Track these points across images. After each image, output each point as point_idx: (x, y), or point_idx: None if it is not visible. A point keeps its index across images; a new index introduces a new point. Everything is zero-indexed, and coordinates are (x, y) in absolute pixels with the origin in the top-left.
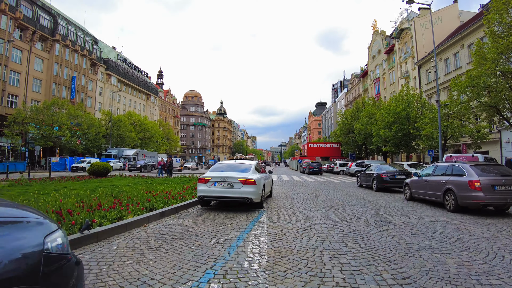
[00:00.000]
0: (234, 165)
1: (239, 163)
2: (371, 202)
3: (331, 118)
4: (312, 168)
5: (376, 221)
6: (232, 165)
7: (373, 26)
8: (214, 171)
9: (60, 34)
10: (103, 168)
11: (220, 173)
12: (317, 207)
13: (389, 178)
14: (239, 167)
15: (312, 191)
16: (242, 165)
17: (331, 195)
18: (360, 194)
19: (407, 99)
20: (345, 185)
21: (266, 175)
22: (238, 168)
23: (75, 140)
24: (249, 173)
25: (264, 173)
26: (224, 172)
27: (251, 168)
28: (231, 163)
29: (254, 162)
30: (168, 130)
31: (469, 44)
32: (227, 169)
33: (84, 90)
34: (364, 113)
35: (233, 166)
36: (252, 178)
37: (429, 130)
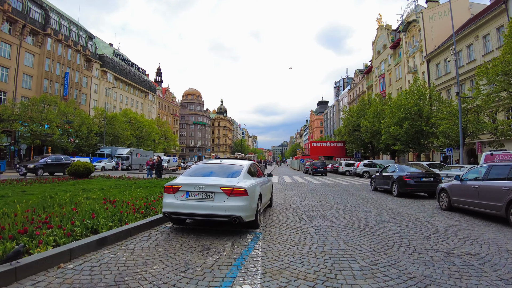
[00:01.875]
0: (219, 167)
1: (227, 164)
2: (400, 213)
3: (333, 117)
4: (316, 168)
5: (429, 252)
6: (216, 167)
7: (378, 21)
8: (189, 175)
9: (52, 28)
10: (84, 168)
11: (196, 178)
12: (334, 224)
13: (413, 181)
14: (225, 170)
15: (321, 197)
16: (230, 167)
17: (346, 204)
18: (380, 202)
19: (419, 93)
20: (356, 188)
21: (264, 180)
22: (224, 172)
23: (66, 138)
24: (238, 179)
25: (261, 177)
26: (202, 178)
27: (241, 171)
28: (216, 164)
29: (248, 163)
30: (166, 128)
31: (484, 35)
32: (208, 173)
33: (78, 87)
34: (371, 109)
35: (218, 168)
36: (242, 186)
37: (447, 126)
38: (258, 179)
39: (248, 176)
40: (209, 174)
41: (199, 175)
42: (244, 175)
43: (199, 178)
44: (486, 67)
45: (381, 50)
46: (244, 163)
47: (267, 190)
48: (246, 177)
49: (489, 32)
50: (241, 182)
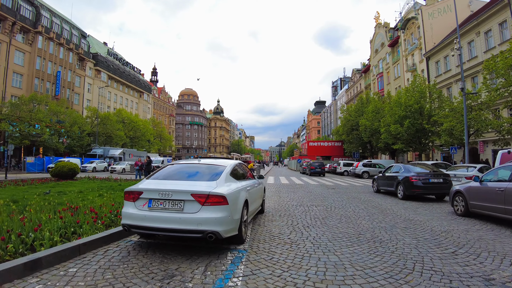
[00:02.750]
0: (195, 168)
1: (206, 164)
2: (411, 221)
3: (330, 117)
4: (313, 169)
5: (462, 277)
6: (192, 168)
7: (376, 19)
8: (156, 178)
9: (43, 26)
10: (68, 169)
11: (162, 182)
12: (336, 235)
13: (421, 183)
14: (202, 172)
15: (319, 201)
16: (209, 168)
17: (347, 209)
18: (385, 206)
19: (420, 90)
20: (357, 190)
21: (253, 183)
22: (201, 174)
23: (56, 139)
24: (216, 183)
25: (250, 180)
26: (171, 182)
27: (222, 173)
28: (192, 164)
29: (232, 163)
30: (161, 129)
31: (486, 30)
32: (180, 175)
33: (70, 86)
34: (370, 108)
35: (194, 169)
36: (221, 193)
37: (451, 124)
38: (245, 183)
39: (231, 179)
40: (181, 177)
41: (168, 178)
42: (226, 178)
43: (166, 183)
44: (494, 61)
45: (379, 49)
46: (228, 163)
47: (256, 195)
48: (228, 181)
49: (491, 28)
50: (220, 187)
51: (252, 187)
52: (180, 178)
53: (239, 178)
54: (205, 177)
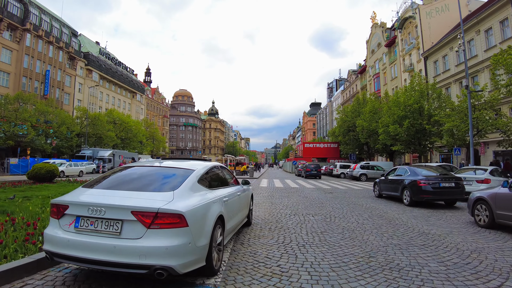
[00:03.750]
0: (150, 172)
1: (167, 167)
2: (428, 235)
3: (326, 118)
4: (309, 171)
5: None
6: (146, 172)
7: (372, 19)
8: (91, 186)
9: (31, 23)
10: (46, 171)
11: (97, 193)
12: (341, 259)
13: (430, 187)
14: (158, 178)
15: (316, 208)
16: (169, 173)
17: (350, 218)
18: (392, 214)
19: (420, 89)
20: (357, 195)
21: (234, 192)
22: (155, 181)
23: (43, 139)
24: (173, 195)
25: (230, 187)
26: (109, 192)
27: (186, 180)
28: (148, 168)
29: (204, 166)
30: (154, 130)
31: (486, 29)
32: (126, 183)
33: (60, 85)
34: (367, 108)
35: (148, 173)
36: (175, 210)
37: (454, 124)
38: (221, 192)
39: (198, 188)
40: (128, 186)
41: (111, 187)
42: (191, 187)
43: (102, 193)
44: (503, 56)
45: (375, 49)
46: (198, 166)
47: (239, 206)
48: (195, 190)
49: (491, 26)
50: (178, 200)
51: (232, 196)
52: (125, 187)
53: (214, 186)
54: (160, 186)
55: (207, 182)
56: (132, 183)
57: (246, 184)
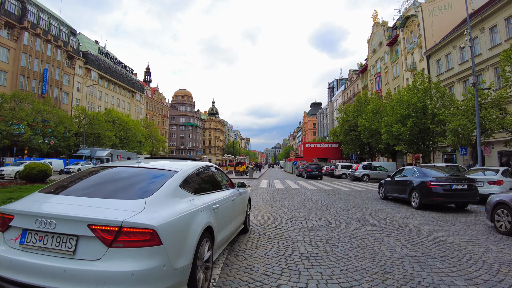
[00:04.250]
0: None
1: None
2: (446, 243)
3: (326, 118)
4: (310, 171)
5: None
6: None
7: (374, 18)
8: (55, 192)
9: (29, 21)
10: (38, 171)
11: (54, 200)
12: (352, 278)
13: (442, 189)
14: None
15: (320, 212)
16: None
17: (357, 224)
18: (402, 219)
19: (424, 88)
20: (361, 196)
21: (226, 197)
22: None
23: (39, 138)
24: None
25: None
26: (67, 199)
27: (164, 184)
28: (117, 170)
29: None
30: (153, 129)
31: (491, 26)
32: (93, 187)
33: (58, 84)
34: (369, 108)
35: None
36: (144, 224)
37: (460, 123)
38: (210, 197)
39: (180, 193)
40: (92, 191)
41: (67, 193)
42: (169, 193)
43: (57, 200)
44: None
45: (377, 48)
46: (183, 167)
47: (234, 212)
48: (174, 197)
49: (496, 24)
50: (149, 210)
51: (224, 202)
52: (89, 192)
53: (204, 190)
54: (131, 192)
55: (194, 186)
56: (100, 187)
57: (242, 187)
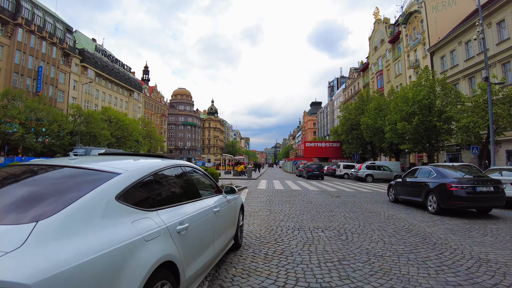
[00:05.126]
0: (35, 177)
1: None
2: (489, 263)
3: (327, 117)
4: (311, 171)
5: None
6: (30, 177)
7: (375, 15)
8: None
9: (23, 18)
10: None
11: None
12: None
13: (464, 192)
14: (36, 191)
15: (326, 219)
16: (68, 178)
17: (372, 235)
18: (423, 228)
19: (430, 84)
20: (368, 199)
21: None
22: (26, 198)
23: (33, 137)
24: (26, 234)
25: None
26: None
27: (86, 196)
28: (39, 169)
29: (153, 166)
30: (151, 128)
31: (498, 21)
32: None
33: (54, 82)
34: (372, 105)
35: (32, 179)
36: (7, 282)
37: (471, 119)
38: (175, 213)
39: (114, 211)
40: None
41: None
42: (91, 212)
43: None
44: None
45: (378, 46)
46: (130, 167)
47: (215, 231)
48: (101, 217)
49: (504, 18)
50: (30, 248)
51: (198, 218)
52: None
53: (164, 203)
54: (22, 209)
55: (147, 197)
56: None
57: (231, 192)
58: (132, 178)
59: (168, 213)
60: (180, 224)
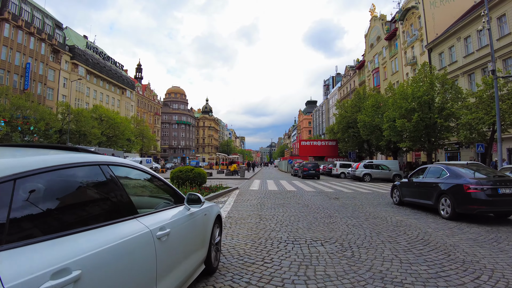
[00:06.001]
0: None
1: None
2: None
3: (322, 116)
4: (306, 171)
5: None
6: None
7: (371, 11)
8: None
9: (10, 13)
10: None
11: None
12: None
13: (485, 194)
14: None
15: (325, 227)
16: None
17: (383, 250)
18: (441, 238)
19: (430, 80)
20: (369, 201)
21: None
22: None
23: (17, 136)
24: None
25: (147, 217)
26: None
27: None
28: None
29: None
30: (143, 127)
31: (499, 16)
32: None
33: (42, 79)
34: (369, 102)
35: None
36: None
37: (477, 115)
38: (58, 249)
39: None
40: None
41: None
42: None
43: None
44: None
45: (374, 43)
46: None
47: (166, 259)
48: None
49: (505, 12)
50: None
51: (121, 251)
52: None
53: (49, 230)
54: None
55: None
56: None
57: (195, 203)
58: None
59: (29, 257)
60: (58, 275)
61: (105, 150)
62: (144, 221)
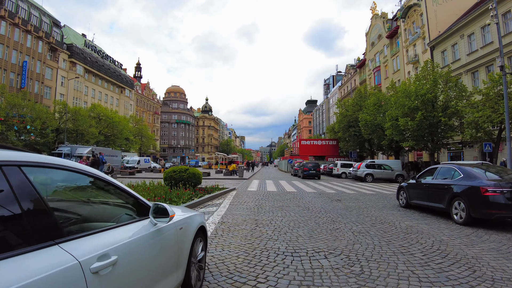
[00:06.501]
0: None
1: None
2: None
3: (322, 115)
4: (307, 170)
5: None
6: None
7: (372, 9)
8: None
9: (6, 10)
10: None
11: None
12: None
13: (504, 198)
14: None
15: (329, 236)
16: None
17: (397, 265)
18: (460, 248)
19: (433, 77)
20: (374, 203)
21: (86, 259)
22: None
23: (13, 135)
24: None
25: (82, 240)
26: None
27: None
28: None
29: None
30: (142, 126)
31: (504, 12)
32: None
33: (40, 78)
34: (371, 101)
35: None
36: None
37: (484, 113)
38: None
39: None
40: None
41: None
42: None
43: None
44: None
45: (375, 41)
46: None
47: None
48: None
49: (510, 9)
50: None
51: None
52: None
53: None
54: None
55: None
56: None
57: (162, 215)
58: None
59: None
60: None
61: (103, 149)
62: (71, 247)
